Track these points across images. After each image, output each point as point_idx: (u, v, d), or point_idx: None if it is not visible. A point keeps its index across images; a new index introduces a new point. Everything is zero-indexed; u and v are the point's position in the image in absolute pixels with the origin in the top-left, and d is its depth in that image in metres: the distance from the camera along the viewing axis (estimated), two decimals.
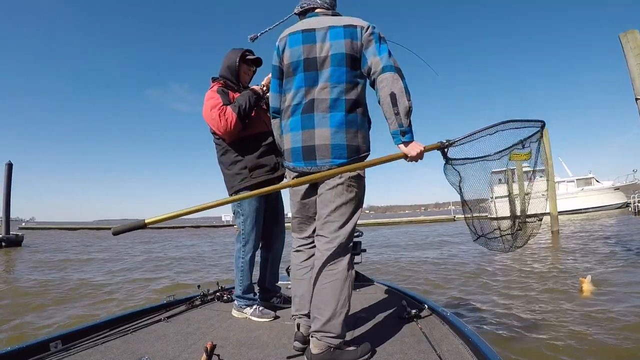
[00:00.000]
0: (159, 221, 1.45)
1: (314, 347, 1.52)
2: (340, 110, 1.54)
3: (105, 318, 2.12)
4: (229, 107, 2.13)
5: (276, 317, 2.16)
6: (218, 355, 1.47)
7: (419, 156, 1.51)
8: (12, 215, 15.95)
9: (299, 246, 1.76)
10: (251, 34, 1.99)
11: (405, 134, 1.47)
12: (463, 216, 1.84)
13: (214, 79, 2.31)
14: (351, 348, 1.56)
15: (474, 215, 1.81)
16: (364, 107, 1.62)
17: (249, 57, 2.32)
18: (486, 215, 1.91)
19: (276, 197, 2.41)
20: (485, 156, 1.67)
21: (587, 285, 4.33)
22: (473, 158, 1.66)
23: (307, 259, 1.72)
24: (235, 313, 2.24)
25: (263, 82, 2.31)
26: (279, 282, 2.58)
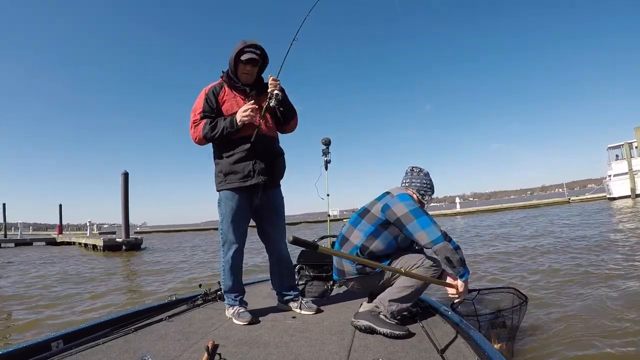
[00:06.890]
0: (330, 253, 2.01)
1: (363, 308, 1.89)
2: None
3: (106, 317, 2.10)
4: (201, 122, 2.10)
5: (253, 322, 2.05)
6: (219, 355, 1.45)
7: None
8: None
9: None
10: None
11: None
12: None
13: (223, 72, 2.23)
14: (390, 321, 1.82)
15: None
16: None
17: (243, 56, 2.07)
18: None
19: (274, 195, 2.26)
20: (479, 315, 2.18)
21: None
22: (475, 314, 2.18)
23: None
24: (225, 311, 2.23)
25: (249, 112, 2.04)
26: None
